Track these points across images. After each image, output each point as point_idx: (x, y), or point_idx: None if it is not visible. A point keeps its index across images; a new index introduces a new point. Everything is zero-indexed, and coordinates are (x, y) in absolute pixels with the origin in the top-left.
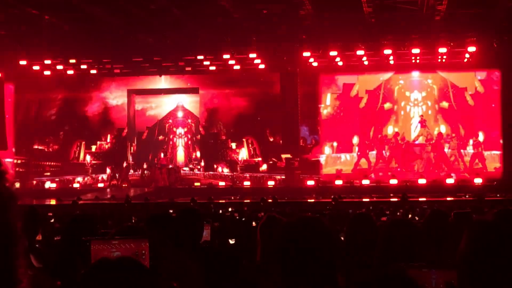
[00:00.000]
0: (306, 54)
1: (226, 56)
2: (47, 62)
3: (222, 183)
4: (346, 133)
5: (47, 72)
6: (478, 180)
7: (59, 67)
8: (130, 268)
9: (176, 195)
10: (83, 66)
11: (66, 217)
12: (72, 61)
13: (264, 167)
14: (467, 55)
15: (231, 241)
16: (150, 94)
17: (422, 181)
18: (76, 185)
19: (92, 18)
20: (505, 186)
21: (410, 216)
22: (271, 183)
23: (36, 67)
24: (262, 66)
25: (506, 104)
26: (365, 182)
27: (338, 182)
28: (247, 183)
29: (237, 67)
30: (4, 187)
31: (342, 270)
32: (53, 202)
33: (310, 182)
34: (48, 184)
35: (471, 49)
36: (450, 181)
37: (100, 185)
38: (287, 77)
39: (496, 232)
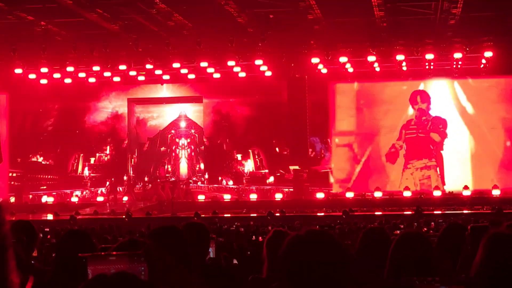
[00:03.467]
0: (315, 60)
1: (231, 63)
2: (44, 70)
3: (227, 196)
4: None
5: (43, 81)
6: (496, 192)
7: (56, 75)
8: (127, 284)
9: (179, 209)
10: (81, 75)
11: (64, 233)
12: (70, 69)
13: (271, 179)
14: (483, 61)
15: (236, 259)
16: (152, 103)
17: (437, 193)
18: (74, 199)
19: (90, 24)
20: None
21: (425, 230)
22: (278, 196)
23: (32, 76)
24: (268, 73)
25: None
26: (378, 194)
27: (349, 194)
28: (253, 196)
29: (242, 74)
30: None
31: (353, 285)
32: (50, 217)
33: (320, 195)
34: (45, 198)
35: (488, 54)
36: (466, 193)
37: (100, 199)
38: (295, 85)
39: None
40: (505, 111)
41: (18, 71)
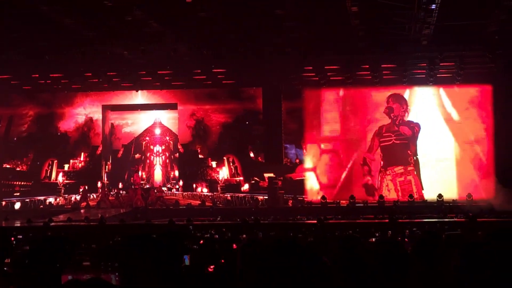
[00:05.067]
0: (290, 67)
1: (206, 70)
2: (18, 76)
3: (201, 204)
4: None
5: (17, 87)
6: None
7: (30, 81)
8: None
9: (153, 217)
10: (56, 80)
11: (37, 240)
12: (44, 74)
13: (246, 186)
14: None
15: (211, 267)
16: (126, 110)
17: (411, 201)
18: (47, 206)
19: (65, 30)
20: None
21: (399, 238)
22: (253, 203)
23: (5, 81)
24: (243, 81)
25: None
26: (353, 202)
27: (324, 202)
28: (228, 204)
29: (217, 81)
30: None
31: None
32: (23, 223)
33: (294, 203)
34: (17, 205)
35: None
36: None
37: (73, 205)
38: (270, 92)
39: (487, 253)
40: (486, 118)
41: None
